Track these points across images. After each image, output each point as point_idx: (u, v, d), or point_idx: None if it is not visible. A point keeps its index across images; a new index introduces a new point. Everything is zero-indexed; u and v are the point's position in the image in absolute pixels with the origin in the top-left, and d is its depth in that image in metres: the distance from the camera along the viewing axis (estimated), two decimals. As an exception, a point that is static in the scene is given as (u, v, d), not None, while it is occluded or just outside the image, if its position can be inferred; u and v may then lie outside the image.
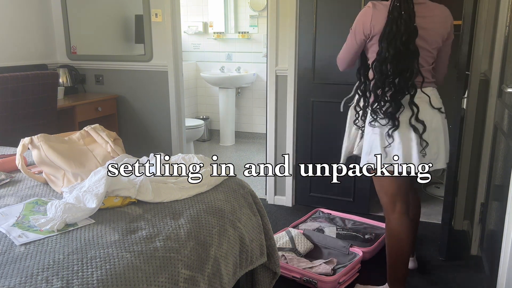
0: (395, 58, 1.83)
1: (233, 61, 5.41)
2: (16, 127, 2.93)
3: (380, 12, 1.88)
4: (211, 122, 5.73)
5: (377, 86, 1.89)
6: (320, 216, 3.00)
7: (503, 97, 2.27)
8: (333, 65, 3.09)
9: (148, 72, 3.77)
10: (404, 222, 2.03)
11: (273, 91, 3.30)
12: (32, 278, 1.16)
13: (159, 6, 3.57)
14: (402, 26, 1.81)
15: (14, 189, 1.82)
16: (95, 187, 1.60)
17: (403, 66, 1.84)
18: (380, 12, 1.87)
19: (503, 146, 2.20)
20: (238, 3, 5.25)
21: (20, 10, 3.69)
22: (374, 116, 1.92)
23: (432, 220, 3.12)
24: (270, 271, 2.00)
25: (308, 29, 3.12)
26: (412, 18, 1.82)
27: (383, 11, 1.87)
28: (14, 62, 3.65)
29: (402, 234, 2.03)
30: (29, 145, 1.85)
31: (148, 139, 3.91)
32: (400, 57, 1.83)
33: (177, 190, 1.74)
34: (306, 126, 3.27)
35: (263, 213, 1.94)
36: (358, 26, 1.95)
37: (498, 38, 2.42)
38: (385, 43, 1.84)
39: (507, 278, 1.73)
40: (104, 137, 2.02)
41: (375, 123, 1.93)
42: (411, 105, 1.88)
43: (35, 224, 1.46)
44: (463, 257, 2.64)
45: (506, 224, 1.73)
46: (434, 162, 1.96)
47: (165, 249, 1.40)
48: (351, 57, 2.07)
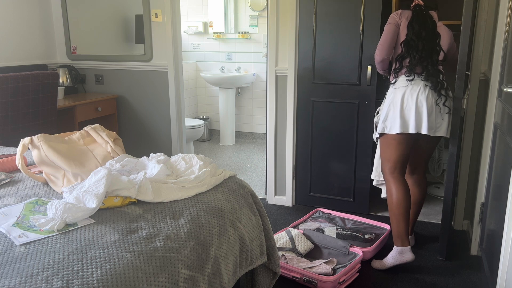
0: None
1: (233, 61, 5.42)
2: (16, 127, 2.93)
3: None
4: (211, 122, 5.73)
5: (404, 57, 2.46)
6: (320, 216, 3.00)
7: (503, 97, 2.27)
8: (333, 65, 3.11)
9: (148, 72, 3.77)
10: (400, 182, 2.47)
11: (273, 91, 3.30)
12: (32, 278, 1.16)
13: (159, 6, 3.57)
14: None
15: (14, 189, 1.82)
16: (95, 187, 1.60)
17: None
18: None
19: (503, 146, 2.20)
20: (238, 3, 5.25)
21: (20, 10, 3.69)
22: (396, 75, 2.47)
23: (432, 220, 3.13)
24: (270, 271, 2.00)
25: (308, 29, 3.12)
26: None
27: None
28: (14, 62, 3.65)
29: (399, 192, 2.45)
30: (29, 145, 1.85)
31: (148, 139, 3.91)
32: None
33: (177, 190, 1.74)
34: (306, 126, 3.27)
35: (263, 213, 1.94)
36: None
37: (498, 38, 2.42)
38: None
39: (507, 278, 1.73)
40: (104, 137, 2.02)
41: (396, 81, 2.46)
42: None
43: (35, 224, 1.46)
44: (463, 257, 2.64)
45: (506, 224, 1.73)
46: (437, 130, 2.42)
47: (165, 249, 1.40)
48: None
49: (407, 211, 2.44)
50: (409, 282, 2.36)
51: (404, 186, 2.47)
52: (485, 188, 2.57)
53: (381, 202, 3.42)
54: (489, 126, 2.52)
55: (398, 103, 2.39)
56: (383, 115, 2.47)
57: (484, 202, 2.57)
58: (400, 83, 2.44)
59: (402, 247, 2.42)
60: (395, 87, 2.46)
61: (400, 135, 2.41)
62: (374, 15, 2.93)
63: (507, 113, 2.12)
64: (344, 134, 3.17)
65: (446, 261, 2.57)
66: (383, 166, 2.54)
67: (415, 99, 2.36)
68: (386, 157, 2.50)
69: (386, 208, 3.32)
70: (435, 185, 3.75)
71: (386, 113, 2.45)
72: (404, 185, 2.48)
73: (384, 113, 2.46)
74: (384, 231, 2.77)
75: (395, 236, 2.45)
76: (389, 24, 2.48)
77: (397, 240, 2.44)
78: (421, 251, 2.67)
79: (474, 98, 2.74)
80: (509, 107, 2.09)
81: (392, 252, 2.45)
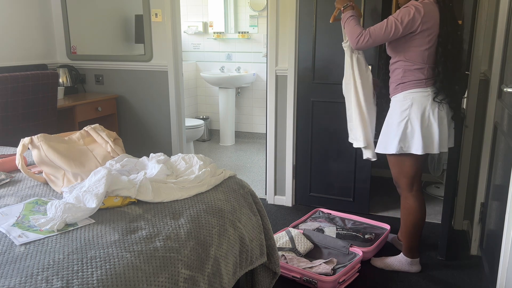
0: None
1: (233, 61, 5.41)
2: (16, 127, 2.93)
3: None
4: (211, 122, 5.73)
5: None
6: (320, 216, 3.00)
7: (503, 97, 2.27)
8: (333, 65, 3.11)
9: (148, 72, 3.77)
10: (419, 199, 2.37)
11: (273, 91, 3.30)
12: (32, 278, 1.16)
13: (159, 6, 3.57)
14: None
15: (14, 189, 1.82)
16: (95, 187, 1.60)
17: None
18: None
19: (503, 146, 2.20)
20: (238, 3, 5.25)
21: (20, 10, 3.69)
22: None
23: (432, 220, 3.12)
24: (270, 271, 2.00)
25: (308, 29, 3.12)
26: None
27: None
28: (14, 62, 3.65)
29: (418, 209, 2.36)
30: (29, 145, 1.85)
31: (148, 139, 3.91)
32: None
33: (177, 190, 1.74)
34: (306, 126, 3.27)
35: (263, 213, 1.94)
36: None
37: (498, 38, 2.42)
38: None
39: (507, 278, 1.74)
40: (104, 137, 2.02)
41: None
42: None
43: (35, 224, 1.46)
44: (463, 257, 2.64)
45: (506, 224, 1.73)
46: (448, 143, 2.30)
47: (165, 249, 1.40)
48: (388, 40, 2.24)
49: (422, 227, 2.42)
50: (409, 282, 2.36)
51: (423, 202, 2.38)
52: (485, 188, 2.57)
53: (381, 202, 3.43)
54: (489, 126, 2.52)
55: (417, 120, 2.18)
56: (397, 132, 2.22)
57: (484, 202, 2.57)
58: (415, 94, 2.19)
59: (413, 259, 2.44)
60: (408, 98, 2.20)
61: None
62: (374, 15, 2.93)
63: (507, 113, 2.12)
64: (344, 134, 3.16)
65: (446, 261, 2.57)
66: (399, 181, 2.40)
67: (437, 117, 2.18)
68: (403, 173, 2.33)
69: (386, 208, 3.33)
70: (435, 185, 3.76)
71: (403, 132, 2.20)
72: (423, 201, 2.38)
73: (397, 131, 2.22)
74: (384, 231, 2.77)
75: (407, 249, 2.44)
76: (398, 21, 2.12)
77: (408, 252, 2.44)
78: (421, 251, 2.67)
79: (474, 98, 2.74)
80: (509, 107, 2.09)
81: (401, 260, 2.46)
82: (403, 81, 2.23)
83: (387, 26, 2.14)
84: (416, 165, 2.29)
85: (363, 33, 2.20)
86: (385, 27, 2.15)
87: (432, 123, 2.18)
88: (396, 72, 2.27)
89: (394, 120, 2.25)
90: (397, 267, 2.46)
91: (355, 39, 2.22)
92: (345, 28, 2.32)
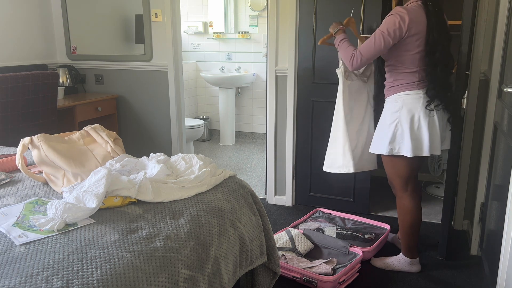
0: None
1: (233, 61, 5.42)
2: (16, 127, 2.93)
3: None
4: (211, 122, 5.73)
5: None
6: (320, 216, 3.00)
7: (503, 97, 2.27)
8: (333, 65, 3.10)
9: (148, 72, 3.77)
10: (415, 199, 2.36)
11: (273, 91, 3.30)
12: (32, 278, 1.16)
13: (159, 6, 3.57)
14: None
15: (14, 189, 1.82)
16: (95, 187, 1.60)
17: None
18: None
19: (503, 146, 2.20)
20: (238, 3, 5.25)
21: (20, 10, 3.69)
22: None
23: (432, 220, 3.12)
24: (270, 271, 2.00)
25: (308, 29, 3.12)
26: None
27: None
28: (14, 62, 3.65)
29: (414, 208, 2.36)
30: (29, 145, 1.85)
31: (148, 139, 3.91)
32: None
33: (177, 190, 1.73)
34: (306, 126, 3.27)
35: (263, 213, 1.94)
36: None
37: (498, 38, 2.42)
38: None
39: (507, 278, 1.73)
40: (104, 137, 2.02)
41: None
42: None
43: (35, 224, 1.46)
44: (463, 257, 2.64)
45: (506, 224, 1.73)
46: (443, 144, 2.32)
47: (165, 249, 1.40)
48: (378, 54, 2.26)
49: (419, 226, 2.41)
50: (409, 282, 2.36)
51: (419, 203, 2.39)
52: (485, 188, 2.57)
53: (381, 202, 3.43)
54: (489, 126, 2.52)
55: (407, 123, 2.18)
56: (387, 133, 2.23)
57: (484, 202, 2.57)
58: (405, 96, 2.20)
59: (412, 259, 2.44)
60: (399, 100, 2.22)
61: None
62: (374, 15, 2.93)
63: (507, 113, 2.12)
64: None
65: (446, 261, 2.57)
66: (393, 182, 2.40)
67: (427, 120, 2.17)
68: (396, 174, 2.33)
69: (386, 208, 3.33)
70: (435, 185, 3.76)
71: (393, 133, 2.21)
72: (418, 201, 2.39)
73: (388, 132, 2.23)
74: (384, 231, 2.77)
75: (406, 249, 2.44)
76: (385, 33, 2.12)
77: (408, 252, 2.44)
78: (421, 251, 2.67)
79: (474, 98, 2.74)
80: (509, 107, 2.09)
81: (401, 260, 2.46)
82: (395, 84, 2.25)
83: (375, 40, 2.16)
84: (409, 166, 2.29)
85: (354, 54, 2.23)
86: (373, 42, 2.16)
87: (422, 126, 2.18)
88: (389, 74, 2.30)
89: (386, 121, 2.27)
90: (397, 267, 2.46)
91: (349, 62, 2.27)
92: (339, 52, 2.36)
